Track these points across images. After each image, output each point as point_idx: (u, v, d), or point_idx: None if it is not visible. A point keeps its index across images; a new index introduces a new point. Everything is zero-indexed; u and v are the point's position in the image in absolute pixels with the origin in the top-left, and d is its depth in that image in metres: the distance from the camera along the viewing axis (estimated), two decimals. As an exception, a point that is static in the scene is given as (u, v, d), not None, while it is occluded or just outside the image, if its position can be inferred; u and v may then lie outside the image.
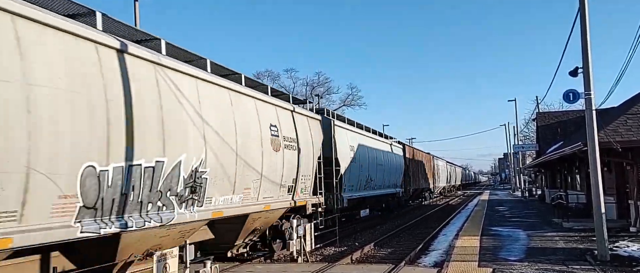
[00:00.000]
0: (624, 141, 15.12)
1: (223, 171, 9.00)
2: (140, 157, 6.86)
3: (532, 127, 50.16)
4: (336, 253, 14.80)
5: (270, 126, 11.16)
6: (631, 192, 16.26)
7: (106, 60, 6.55)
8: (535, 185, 49.58)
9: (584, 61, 11.62)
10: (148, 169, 7.07)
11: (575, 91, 12.62)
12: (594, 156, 11.58)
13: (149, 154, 7.08)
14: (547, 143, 32.83)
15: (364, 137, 21.88)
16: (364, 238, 18.43)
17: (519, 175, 56.31)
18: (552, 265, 10.60)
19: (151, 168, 7.13)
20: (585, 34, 11.53)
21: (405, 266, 11.60)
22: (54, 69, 5.74)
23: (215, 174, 8.74)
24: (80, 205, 6.02)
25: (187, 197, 8.04)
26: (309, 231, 13.44)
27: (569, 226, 17.69)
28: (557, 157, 22.11)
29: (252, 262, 12.46)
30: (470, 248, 13.36)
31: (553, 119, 35.42)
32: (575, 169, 24.52)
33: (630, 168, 16.16)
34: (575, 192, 24.11)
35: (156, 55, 7.63)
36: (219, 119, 9.01)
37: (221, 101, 9.27)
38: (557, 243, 14.03)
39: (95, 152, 6.18)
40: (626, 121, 16.15)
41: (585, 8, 11.49)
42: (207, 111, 8.61)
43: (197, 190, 8.21)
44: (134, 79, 6.93)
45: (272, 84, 41.03)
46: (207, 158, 8.42)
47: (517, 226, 18.96)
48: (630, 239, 13.54)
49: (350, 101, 59.27)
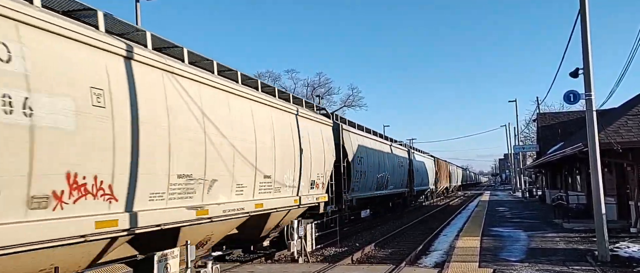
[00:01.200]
0: (624, 142, 15.12)
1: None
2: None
3: (532, 128, 50.19)
4: (337, 254, 14.82)
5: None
6: (631, 193, 16.26)
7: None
8: (536, 185, 49.58)
9: (584, 62, 11.63)
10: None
11: (575, 92, 12.63)
12: (594, 157, 11.59)
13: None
14: (547, 143, 32.85)
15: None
16: (364, 239, 18.45)
17: (519, 176, 56.33)
18: (552, 266, 10.61)
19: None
20: (585, 35, 11.55)
21: (405, 266, 11.61)
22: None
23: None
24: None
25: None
26: (309, 232, 13.47)
27: (570, 227, 17.70)
28: (557, 158, 22.12)
29: (253, 262, 12.48)
30: (471, 248, 13.37)
31: (554, 120, 35.47)
32: (575, 170, 24.52)
33: (631, 169, 16.16)
34: (575, 193, 24.11)
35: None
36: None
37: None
38: (557, 244, 14.04)
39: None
40: (627, 122, 16.16)
41: (586, 9, 11.50)
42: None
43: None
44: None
45: (273, 84, 41.09)
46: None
47: (517, 227, 18.97)
48: (630, 240, 13.54)
49: (351, 102, 59.31)
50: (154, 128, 7.21)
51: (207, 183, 8.48)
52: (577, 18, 11.80)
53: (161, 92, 7.50)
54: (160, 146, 7.32)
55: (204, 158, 8.38)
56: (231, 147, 9.26)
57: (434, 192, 46.67)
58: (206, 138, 8.51)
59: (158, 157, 7.29)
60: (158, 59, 7.59)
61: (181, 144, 7.80)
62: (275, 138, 11.29)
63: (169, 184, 7.50)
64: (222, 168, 8.96)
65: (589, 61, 11.55)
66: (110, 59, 6.61)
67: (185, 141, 7.91)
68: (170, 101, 7.65)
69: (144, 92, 7.08)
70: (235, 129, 9.48)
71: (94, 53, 6.35)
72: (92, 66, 6.26)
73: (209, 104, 8.71)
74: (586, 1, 11.49)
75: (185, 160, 7.87)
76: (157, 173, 7.27)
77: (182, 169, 7.80)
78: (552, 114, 38.95)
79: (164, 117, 7.46)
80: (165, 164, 7.41)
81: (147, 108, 7.09)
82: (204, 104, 8.56)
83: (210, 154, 8.58)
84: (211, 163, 8.58)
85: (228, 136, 9.17)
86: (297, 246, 12.57)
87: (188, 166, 7.95)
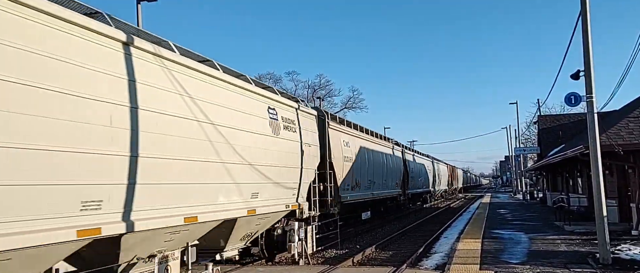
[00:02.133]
0: (625, 144, 15.11)
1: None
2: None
3: (533, 130, 50.12)
4: (338, 256, 14.79)
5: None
6: (633, 195, 16.24)
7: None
8: (537, 188, 49.53)
9: (585, 64, 11.62)
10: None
11: (576, 94, 12.62)
12: (595, 159, 11.57)
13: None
14: (548, 145, 32.83)
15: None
16: (365, 241, 18.42)
17: (520, 178, 56.27)
18: (553, 268, 10.58)
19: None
20: (586, 36, 11.54)
21: (406, 269, 11.58)
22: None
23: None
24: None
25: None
26: (310, 234, 13.45)
27: (571, 230, 17.67)
28: (558, 160, 22.11)
29: (254, 265, 12.46)
30: (472, 251, 13.35)
31: (554, 122, 35.42)
32: (576, 173, 24.50)
33: (632, 171, 16.14)
34: (576, 195, 24.08)
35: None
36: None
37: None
38: (558, 246, 14.01)
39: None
40: (628, 124, 16.15)
41: (587, 10, 11.50)
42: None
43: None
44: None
45: (275, 86, 41.06)
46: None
47: (518, 229, 18.93)
48: (632, 242, 13.51)
49: (352, 104, 59.39)
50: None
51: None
52: (578, 19, 11.80)
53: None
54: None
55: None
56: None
57: (434, 194, 46.56)
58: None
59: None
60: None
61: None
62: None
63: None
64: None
65: (590, 62, 11.53)
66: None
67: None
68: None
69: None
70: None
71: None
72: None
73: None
74: (587, 2, 11.49)
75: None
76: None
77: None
78: (553, 116, 38.92)
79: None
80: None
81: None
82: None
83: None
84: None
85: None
86: (297, 248, 12.55)
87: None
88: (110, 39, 6.40)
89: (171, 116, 7.35)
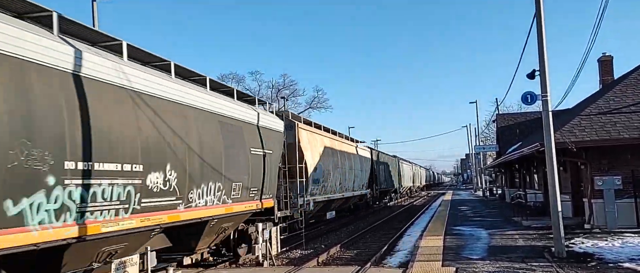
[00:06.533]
0: (578, 142, 15.69)
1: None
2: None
3: (492, 128, 51.52)
4: (302, 256, 14.74)
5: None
6: (585, 191, 16.89)
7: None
8: (496, 184, 50.97)
9: (540, 64, 12.00)
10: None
11: (532, 93, 13.02)
12: (550, 156, 11.97)
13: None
14: (506, 143, 33.77)
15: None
16: (330, 240, 18.45)
17: (480, 175, 57.76)
18: (512, 263, 10.88)
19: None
20: (541, 37, 11.92)
21: (371, 267, 11.66)
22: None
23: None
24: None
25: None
26: (274, 235, 13.34)
27: (528, 225, 18.24)
28: (516, 157, 22.76)
29: (217, 267, 12.26)
30: (434, 247, 13.57)
31: (512, 120, 36.46)
32: (533, 169, 25.29)
33: (584, 168, 16.78)
34: (533, 191, 24.86)
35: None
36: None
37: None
38: (517, 241, 14.42)
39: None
40: (580, 122, 16.76)
41: (541, 12, 11.88)
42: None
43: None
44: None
45: (237, 86, 40.69)
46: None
47: (479, 226, 19.40)
48: (585, 236, 14.07)
49: (316, 104, 59.39)
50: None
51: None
52: (533, 21, 12.18)
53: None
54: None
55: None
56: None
57: (398, 192, 47.22)
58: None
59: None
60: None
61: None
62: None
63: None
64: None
65: (544, 63, 11.92)
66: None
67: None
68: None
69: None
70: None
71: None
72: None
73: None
74: (541, 5, 11.87)
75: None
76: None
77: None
78: (510, 114, 40.06)
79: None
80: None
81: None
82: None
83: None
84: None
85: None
86: (262, 249, 12.43)
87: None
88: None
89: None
